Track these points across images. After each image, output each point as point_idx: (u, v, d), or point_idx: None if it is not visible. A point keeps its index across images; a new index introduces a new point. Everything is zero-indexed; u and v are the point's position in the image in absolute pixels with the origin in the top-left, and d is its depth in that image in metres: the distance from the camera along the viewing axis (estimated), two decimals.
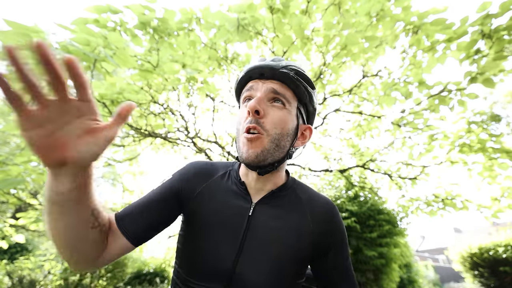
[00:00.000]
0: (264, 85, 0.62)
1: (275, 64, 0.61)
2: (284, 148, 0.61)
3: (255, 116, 0.59)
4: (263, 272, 0.57)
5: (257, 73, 0.62)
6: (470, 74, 2.10)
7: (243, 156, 0.59)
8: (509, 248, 5.95)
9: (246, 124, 0.59)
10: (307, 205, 0.66)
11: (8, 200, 2.56)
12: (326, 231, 0.64)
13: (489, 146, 2.87)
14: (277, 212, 0.63)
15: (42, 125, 0.37)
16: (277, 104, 0.61)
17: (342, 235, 0.66)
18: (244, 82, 0.66)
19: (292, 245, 0.60)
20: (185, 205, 0.66)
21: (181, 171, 0.71)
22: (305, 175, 4.22)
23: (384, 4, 2.10)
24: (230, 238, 0.60)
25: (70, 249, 0.51)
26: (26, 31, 1.24)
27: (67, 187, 0.43)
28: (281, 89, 0.61)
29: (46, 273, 4.80)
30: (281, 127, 0.60)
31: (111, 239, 0.58)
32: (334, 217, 0.66)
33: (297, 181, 0.72)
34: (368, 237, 4.77)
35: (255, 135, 0.58)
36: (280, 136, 0.60)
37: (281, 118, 0.60)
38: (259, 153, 0.58)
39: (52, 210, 0.47)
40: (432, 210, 3.32)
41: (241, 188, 0.66)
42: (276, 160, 0.61)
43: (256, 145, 0.58)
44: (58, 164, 0.40)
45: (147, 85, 2.74)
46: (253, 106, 0.58)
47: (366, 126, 3.66)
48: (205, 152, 3.36)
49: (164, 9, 1.99)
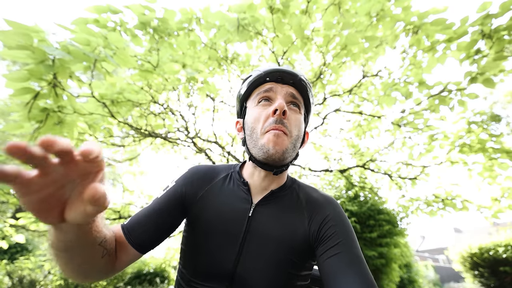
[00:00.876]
0: (283, 89, 0.65)
1: (294, 72, 0.66)
2: (297, 149, 0.66)
3: (282, 117, 0.61)
4: (262, 271, 0.58)
5: (276, 76, 0.66)
6: (470, 74, 2.09)
7: (270, 151, 0.59)
8: (509, 248, 5.95)
9: (271, 124, 0.61)
10: (306, 204, 0.66)
11: (8, 200, 2.56)
12: (321, 223, 0.61)
13: (489, 146, 2.87)
14: (276, 212, 0.64)
15: (41, 189, 0.32)
16: (294, 108, 0.65)
17: (342, 227, 0.60)
18: (259, 82, 0.67)
19: (289, 244, 0.60)
20: (189, 210, 0.67)
21: (183, 176, 0.72)
22: (305, 175, 4.22)
23: (384, 4, 2.09)
24: (231, 240, 0.61)
25: (83, 277, 0.53)
26: (26, 31, 1.24)
27: (72, 236, 0.42)
28: (297, 94, 0.67)
29: (46, 273, 4.80)
30: (298, 129, 0.64)
31: (120, 250, 0.59)
32: (331, 210, 0.64)
33: (298, 181, 0.73)
34: (368, 237, 4.77)
35: (282, 132, 0.61)
36: (297, 138, 0.64)
37: (299, 121, 0.65)
38: (285, 150, 0.61)
39: (60, 256, 0.46)
40: (432, 210, 3.32)
41: (243, 188, 0.67)
42: (291, 160, 0.65)
43: (281, 142, 0.60)
44: (59, 222, 0.37)
45: (147, 85, 2.74)
46: (282, 105, 0.60)
47: (366, 126, 3.66)
48: (205, 152, 3.36)
49: (164, 9, 1.99)
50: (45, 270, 4.84)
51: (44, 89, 1.47)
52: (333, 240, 0.57)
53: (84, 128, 2.15)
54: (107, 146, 2.97)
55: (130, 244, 0.59)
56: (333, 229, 0.59)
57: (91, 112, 1.95)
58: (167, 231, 0.65)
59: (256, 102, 0.66)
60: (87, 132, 2.29)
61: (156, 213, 0.64)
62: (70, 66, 1.46)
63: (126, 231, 0.60)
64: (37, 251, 6.63)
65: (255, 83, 0.68)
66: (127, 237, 0.59)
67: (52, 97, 1.52)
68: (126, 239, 0.59)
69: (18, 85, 1.37)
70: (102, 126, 2.42)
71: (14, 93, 1.39)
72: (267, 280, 0.57)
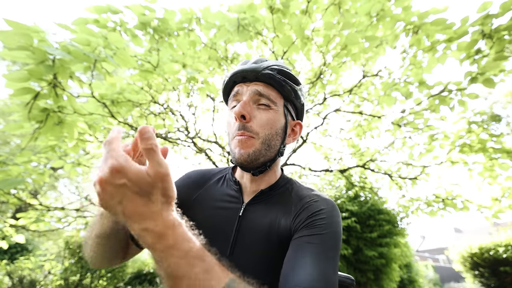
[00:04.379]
0: (248, 88, 0.63)
1: (257, 66, 0.62)
2: (275, 148, 0.63)
3: (242, 121, 0.60)
4: (253, 269, 0.57)
5: (240, 77, 0.64)
6: (471, 74, 2.09)
7: (236, 156, 0.60)
8: (509, 248, 5.95)
9: (235, 130, 0.61)
10: (296, 202, 0.63)
11: (8, 200, 2.56)
12: (308, 217, 0.58)
13: (490, 146, 2.87)
14: (264, 209, 0.64)
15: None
16: (261, 107, 0.62)
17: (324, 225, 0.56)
18: (229, 87, 0.67)
19: (276, 240, 0.59)
20: (184, 212, 0.68)
21: (179, 180, 0.74)
22: (305, 175, 4.22)
23: (384, 4, 2.09)
24: (223, 239, 0.61)
25: (108, 261, 0.60)
26: (27, 31, 1.24)
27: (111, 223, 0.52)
28: (265, 90, 0.62)
29: (46, 273, 4.80)
30: (269, 128, 0.61)
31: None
32: (320, 208, 0.59)
33: (294, 182, 0.71)
34: (368, 237, 4.77)
35: (247, 137, 0.60)
36: (270, 137, 0.62)
37: (269, 118, 0.62)
38: (251, 153, 0.59)
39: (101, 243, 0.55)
40: (432, 210, 3.32)
41: (235, 188, 0.68)
42: (268, 159, 0.63)
43: (248, 145, 0.60)
44: None
45: (147, 85, 2.74)
46: (238, 111, 0.59)
47: (366, 126, 3.66)
48: (205, 152, 3.36)
49: (164, 9, 1.99)
50: (45, 270, 4.84)
51: (44, 89, 1.47)
52: (310, 230, 0.55)
53: (84, 128, 2.15)
54: None
55: (131, 240, 0.62)
56: (319, 221, 0.56)
57: (91, 112, 1.95)
58: None
59: (229, 108, 0.67)
60: (87, 132, 2.29)
61: None
62: (70, 66, 1.46)
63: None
64: (37, 251, 6.63)
65: (225, 89, 0.68)
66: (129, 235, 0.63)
67: (52, 97, 1.52)
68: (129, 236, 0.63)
69: (18, 85, 1.37)
70: (102, 126, 2.42)
71: (14, 93, 1.39)
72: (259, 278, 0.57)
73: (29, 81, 1.38)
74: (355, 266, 4.76)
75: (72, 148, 2.40)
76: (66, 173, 10.02)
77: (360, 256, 4.70)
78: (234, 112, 0.60)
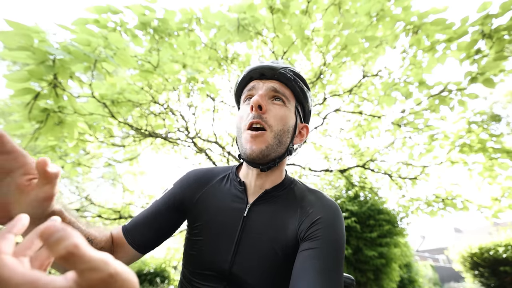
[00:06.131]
0: (265, 85, 0.64)
1: (275, 65, 0.65)
2: (285, 144, 0.64)
3: (258, 111, 0.60)
4: (256, 271, 0.58)
5: (258, 73, 0.65)
6: (471, 74, 2.10)
7: (247, 152, 0.60)
8: (509, 248, 5.95)
9: (249, 120, 0.61)
10: (301, 205, 0.64)
11: None
12: (311, 224, 0.58)
13: (490, 146, 2.87)
14: (270, 211, 0.64)
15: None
16: (277, 102, 0.64)
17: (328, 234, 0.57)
18: (245, 82, 0.68)
19: (282, 243, 0.59)
20: (187, 212, 0.69)
21: (181, 179, 0.73)
22: (305, 175, 4.22)
23: (384, 4, 2.10)
24: (227, 240, 0.61)
25: None
26: (27, 31, 1.24)
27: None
28: (281, 88, 0.64)
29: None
30: (282, 123, 0.62)
31: (120, 251, 0.62)
32: (324, 213, 0.60)
33: (298, 183, 0.72)
34: (368, 237, 4.77)
35: (259, 131, 0.60)
36: (282, 132, 0.62)
37: (283, 114, 0.63)
38: (264, 149, 0.60)
39: None
40: (432, 210, 3.32)
41: (239, 188, 0.67)
42: (278, 156, 0.63)
43: (260, 141, 0.60)
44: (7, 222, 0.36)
45: (148, 85, 2.75)
46: (256, 100, 0.60)
47: (366, 126, 3.65)
48: (205, 152, 3.36)
49: (164, 9, 1.99)
50: None
51: (44, 89, 1.47)
52: (314, 243, 0.55)
53: (84, 129, 2.16)
54: (107, 146, 2.97)
55: (130, 244, 0.62)
56: (319, 232, 0.56)
57: (91, 113, 1.95)
58: (165, 233, 0.67)
59: (243, 102, 0.68)
60: (88, 132, 2.29)
61: (154, 215, 0.66)
62: (71, 66, 1.46)
63: (125, 232, 0.63)
64: None
65: (241, 83, 0.69)
66: (127, 237, 0.62)
67: (53, 97, 1.53)
68: (126, 239, 0.62)
69: (19, 85, 1.37)
70: (102, 126, 2.42)
71: (15, 94, 1.39)
72: (263, 279, 0.58)
73: (30, 81, 1.38)
74: (355, 266, 4.76)
75: (72, 148, 2.40)
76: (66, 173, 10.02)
77: (360, 256, 4.71)
78: (251, 101, 0.60)
